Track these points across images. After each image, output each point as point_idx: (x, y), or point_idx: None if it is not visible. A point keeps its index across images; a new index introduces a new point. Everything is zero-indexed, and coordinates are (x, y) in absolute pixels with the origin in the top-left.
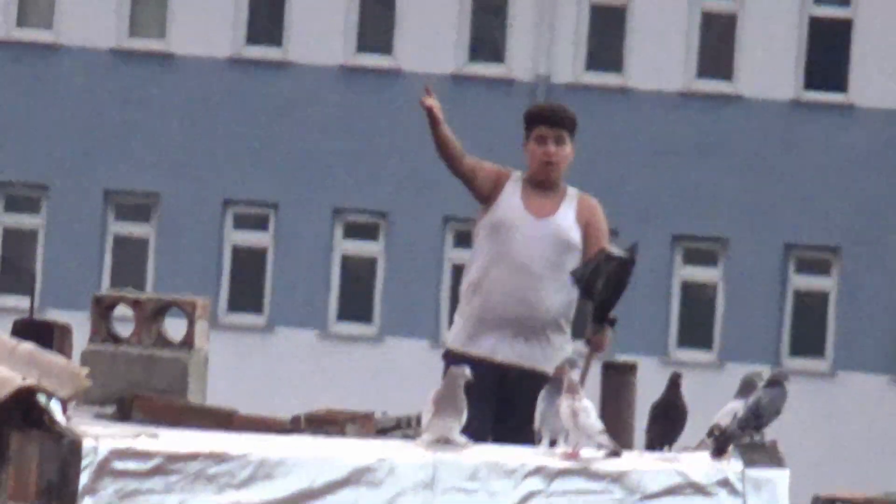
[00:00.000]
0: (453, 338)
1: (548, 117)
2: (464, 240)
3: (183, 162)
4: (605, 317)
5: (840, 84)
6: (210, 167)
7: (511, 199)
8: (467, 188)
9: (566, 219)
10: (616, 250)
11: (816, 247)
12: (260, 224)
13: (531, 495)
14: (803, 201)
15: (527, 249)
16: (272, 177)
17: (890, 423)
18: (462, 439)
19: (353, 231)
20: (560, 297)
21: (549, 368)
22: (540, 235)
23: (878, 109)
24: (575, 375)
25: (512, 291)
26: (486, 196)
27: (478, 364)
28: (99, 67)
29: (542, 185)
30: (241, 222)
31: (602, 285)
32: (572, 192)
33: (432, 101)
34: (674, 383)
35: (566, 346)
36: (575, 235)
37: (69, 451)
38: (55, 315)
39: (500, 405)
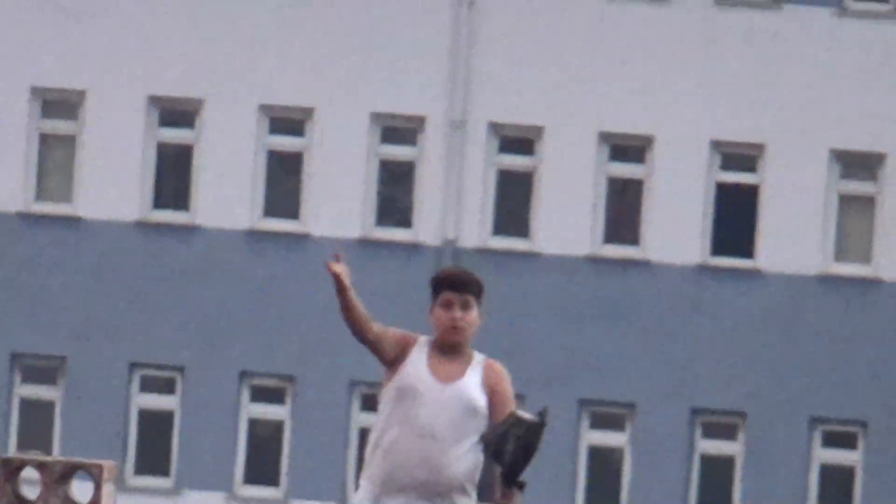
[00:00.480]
0: (359, 501)
1: (453, 282)
2: (370, 404)
3: (90, 325)
4: (515, 480)
5: (746, 249)
6: (117, 330)
7: (417, 364)
8: (374, 354)
9: (472, 384)
10: (526, 414)
11: (724, 411)
12: (167, 387)
13: None
14: (710, 364)
15: (432, 414)
16: (179, 340)
17: None
18: None
19: (260, 394)
20: (465, 461)
21: None
22: (445, 400)
23: (784, 274)
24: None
25: (416, 455)
26: (392, 361)
27: None
28: (5, 231)
29: (449, 350)
30: (148, 385)
31: (511, 449)
32: (479, 358)
33: (340, 268)
34: None
35: None
36: (480, 400)
37: None
38: None
39: None
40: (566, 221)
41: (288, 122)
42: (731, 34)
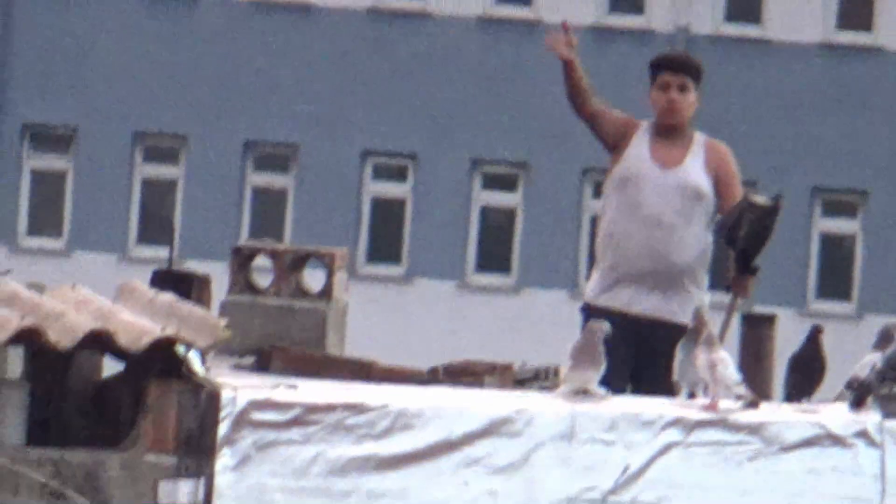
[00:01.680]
0: (590, 291)
1: (670, 64)
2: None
3: (322, 113)
4: (748, 265)
5: None
6: (349, 118)
7: (638, 149)
8: (593, 132)
9: (694, 167)
10: (760, 199)
11: None
12: (399, 175)
13: (669, 446)
14: None
15: (656, 201)
16: (411, 128)
17: None
18: (600, 391)
19: (492, 182)
20: (693, 247)
21: (686, 320)
22: (668, 186)
23: None
24: (712, 327)
25: (644, 244)
26: (613, 144)
27: (615, 316)
28: (238, 19)
29: (668, 133)
30: (380, 173)
31: (745, 233)
32: (699, 139)
33: (567, 51)
34: (814, 336)
35: (703, 297)
36: (704, 184)
37: (208, 401)
38: (194, 265)
39: (638, 357)
40: (798, 7)
41: None
42: None
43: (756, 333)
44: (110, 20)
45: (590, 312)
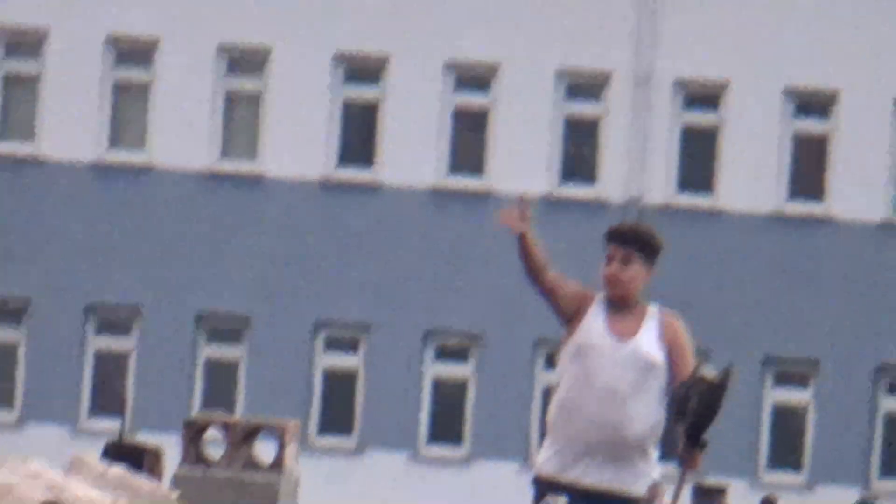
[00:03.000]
0: (542, 463)
1: (615, 236)
2: (555, 363)
3: (274, 284)
4: (698, 439)
5: None
6: (301, 289)
7: (595, 320)
8: (549, 304)
9: (649, 339)
10: (709, 374)
11: None
12: (351, 346)
13: None
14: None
15: (612, 372)
16: (363, 299)
17: None
18: None
19: (444, 353)
20: (646, 419)
21: (639, 491)
22: (624, 357)
23: None
24: (665, 498)
25: (599, 415)
26: (569, 317)
27: (566, 489)
28: (190, 189)
29: (619, 304)
30: (333, 345)
31: (694, 407)
32: (653, 310)
33: (523, 226)
34: None
35: (655, 468)
36: (658, 355)
37: None
38: (146, 437)
39: None
40: (751, 177)
41: (473, 78)
42: None
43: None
44: (61, 190)
45: (541, 485)
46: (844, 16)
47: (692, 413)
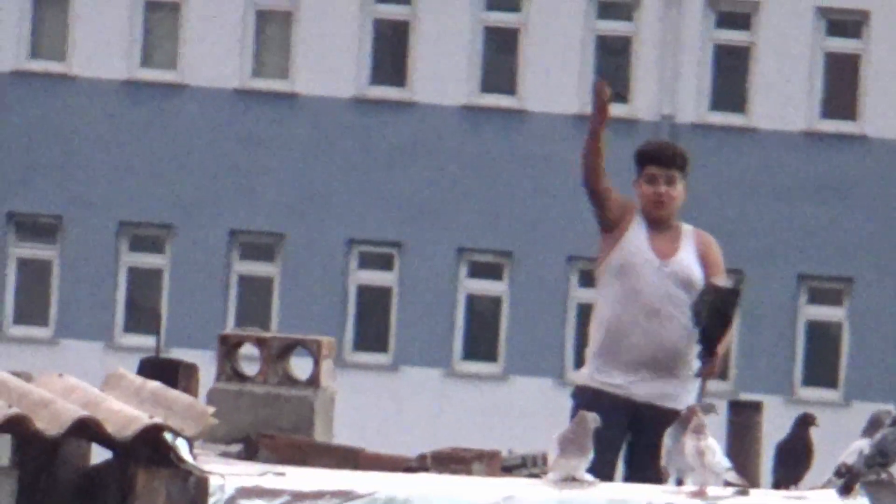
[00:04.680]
0: (587, 374)
1: (658, 157)
2: (588, 279)
3: (308, 202)
4: (712, 345)
5: None
6: (335, 207)
7: (637, 238)
8: (596, 209)
9: (689, 258)
10: (720, 283)
11: None
12: (385, 263)
13: None
14: None
15: (655, 290)
16: (397, 216)
17: None
18: (588, 477)
19: (478, 270)
20: (685, 335)
21: (680, 406)
22: (666, 276)
23: None
24: (704, 418)
25: (645, 333)
26: (612, 225)
27: (612, 399)
28: (224, 107)
29: (658, 223)
30: (366, 262)
31: (706, 314)
32: (688, 229)
33: (608, 112)
34: (803, 423)
35: (694, 382)
36: (697, 274)
37: (196, 489)
38: (181, 354)
39: (632, 442)
40: (783, 96)
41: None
42: None
43: (743, 420)
44: (93, 108)
45: (586, 395)
46: None
47: (705, 318)
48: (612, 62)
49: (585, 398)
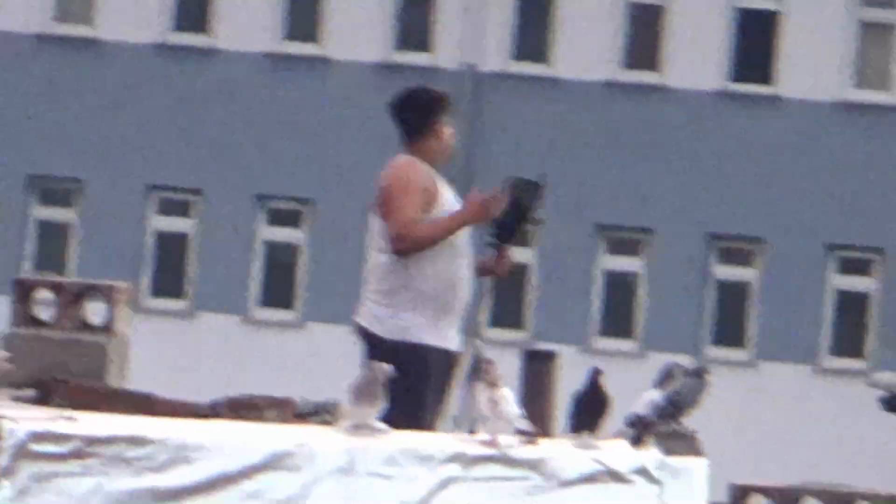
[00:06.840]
0: (414, 329)
1: (448, 105)
2: None
3: (107, 147)
4: (505, 237)
5: (765, 77)
6: (134, 153)
7: (447, 192)
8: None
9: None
10: (525, 177)
11: (739, 237)
12: (183, 210)
13: (449, 481)
14: (726, 191)
15: (463, 237)
16: (196, 163)
17: (810, 413)
18: (380, 425)
19: (277, 217)
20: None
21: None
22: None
23: (804, 101)
24: (493, 367)
25: (463, 279)
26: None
27: (438, 354)
28: (24, 52)
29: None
30: (165, 208)
31: (506, 205)
32: None
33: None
34: (596, 374)
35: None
36: None
37: None
38: None
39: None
40: (586, 46)
41: None
42: None
43: (538, 369)
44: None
45: (412, 351)
46: None
47: (506, 209)
48: (416, 11)
49: (414, 355)
